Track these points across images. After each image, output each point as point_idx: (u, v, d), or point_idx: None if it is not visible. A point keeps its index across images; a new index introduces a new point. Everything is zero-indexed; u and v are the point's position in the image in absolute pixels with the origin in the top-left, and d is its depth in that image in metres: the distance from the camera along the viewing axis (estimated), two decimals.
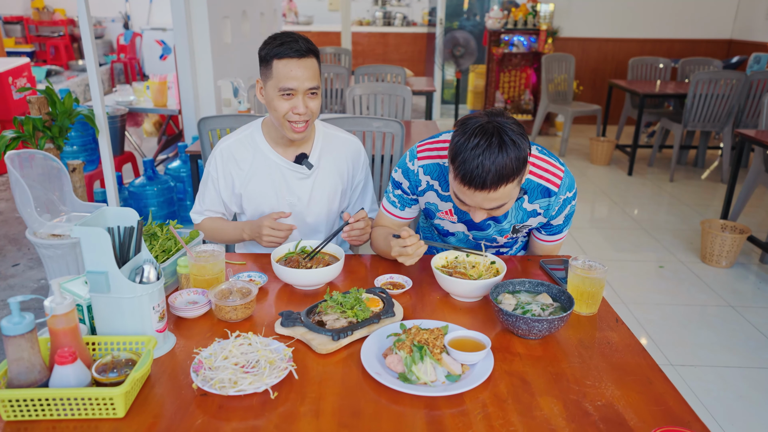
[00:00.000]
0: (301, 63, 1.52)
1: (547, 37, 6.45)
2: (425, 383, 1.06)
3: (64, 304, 0.96)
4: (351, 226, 1.56)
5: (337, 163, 1.75)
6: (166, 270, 1.37)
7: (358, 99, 3.61)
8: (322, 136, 1.75)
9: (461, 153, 1.26)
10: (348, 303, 1.26)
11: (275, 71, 1.53)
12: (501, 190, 1.27)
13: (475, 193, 1.28)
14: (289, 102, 1.55)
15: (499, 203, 1.32)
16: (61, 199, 1.63)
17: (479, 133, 1.25)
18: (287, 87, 1.53)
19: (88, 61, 2.58)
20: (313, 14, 9.70)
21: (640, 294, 3.14)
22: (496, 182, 1.25)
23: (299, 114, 1.56)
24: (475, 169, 1.24)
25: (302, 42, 1.53)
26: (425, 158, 1.55)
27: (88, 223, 1.09)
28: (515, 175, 1.27)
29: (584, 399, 1.05)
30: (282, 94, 1.54)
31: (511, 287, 1.35)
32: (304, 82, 1.53)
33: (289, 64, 1.51)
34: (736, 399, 2.30)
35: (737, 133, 3.52)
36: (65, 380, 0.93)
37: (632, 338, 1.26)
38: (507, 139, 1.24)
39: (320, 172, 1.73)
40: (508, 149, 1.24)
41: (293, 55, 1.51)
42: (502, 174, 1.24)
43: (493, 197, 1.29)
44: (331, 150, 1.75)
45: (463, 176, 1.27)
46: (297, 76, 1.52)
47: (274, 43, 1.53)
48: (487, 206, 1.32)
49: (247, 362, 1.07)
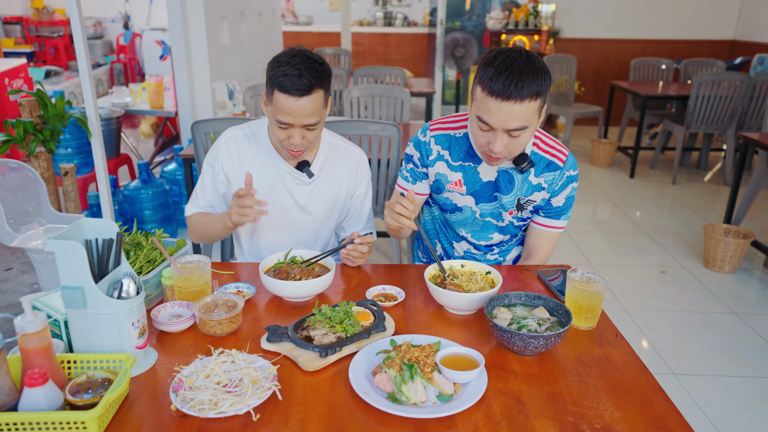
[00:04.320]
0: (300, 101, 1.44)
1: (549, 37, 6.40)
2: (415, 404, 1.02)
3: (35, 322, 0.91)
4: (355, 246, 1.52)
5: (338, 175, 1.71)
6: (151, 281, 1.33)
7: (356, 101, 3.56)
8: (327, 146, 1.70)
9: (490, 65, 1.32)
10: (337, 317, 1.22)
11: (275, 100, 1.47)
12: (526, 104, 1.31)
13: (502, 105, 1.31)
14: (286, 132, 1.51)
15: (521, 124, 1.34)
16: (37, 210, 1.59)
17: (507, 51, 1.34)
18: (283, 121, 1.48)
19: (80, 64, 2.54)
20: (314, 14, 9.65)
21: (642, 300, 3.09)
22: (524, 90, 1.29)
23: (294, 145, 1.52)
24: (506, 77, 1.29)
25: (307, 77, 1.42)
26: (437, 129, 1.62)
27: (64, 236, 1.04)
28: (540, 91, 1.32)
29: (582, 421, 1.00)
30: (279, 124, 1.50)
31: (506, 300, 1.30)
32: (301, 119, 1.47)
33: (288, 100, 1.44)
34: (740, 410, 2.24)
35: (741, 136, 3.47)
36: (35, 403, 0.89)
37: (632, 354, 1.21)
38: (533, 58, 1.33)
39: (321, 182, 1.69)
40: (534, 63, 1.32)
41: (294, 92, 1.43)
42: (529, 84, 1.29)
43: (518, 113, 1.32)
44: (334, 160, 1.71)
45: (492, 85, 1.31)
46: (294, 113, 1.46)
47: (279, 71, 1.44)
48: (510, 125, 1.34)
49: (230, 381, 1.03)
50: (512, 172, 1.57)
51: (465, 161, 1.59)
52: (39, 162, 2.62)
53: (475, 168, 1.58)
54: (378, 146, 2.51)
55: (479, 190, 1.61)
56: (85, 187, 3.57)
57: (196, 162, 2.44)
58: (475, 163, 1.58)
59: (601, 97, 6.87)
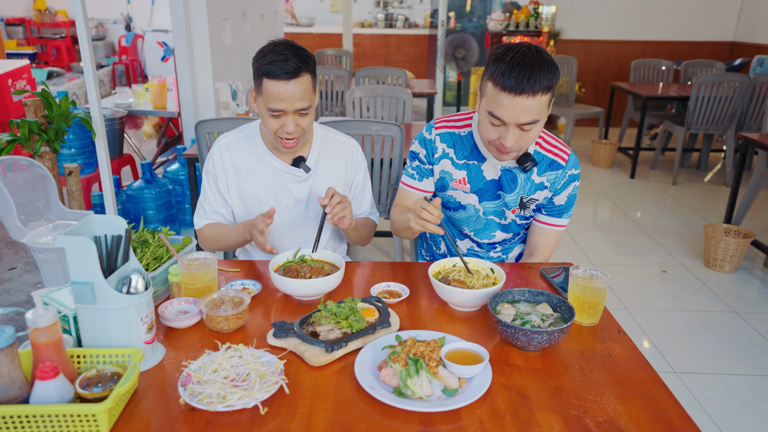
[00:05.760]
0: (290, 84, 1.47)
1: (549, 39, 6.42)
2: (421, 398, 1.03)
3: (46, 316, 0.93)
4: (329, 206, 1.49)
5: (335, 166, 1.73)
6: (157, 278, 1.34)
7: (358, 101, 3.58)
8: (320, 140, 1.72)
9: (501, 61, 1.34)
10: (342, 313, 1.23)
11: (264, 89, 1.49)
12: (538, 98, 1.33)
13: (515, 100, 1.33)
14: (279, 120, 1.52)
15: (533, 117, 1.36)
16: (46, 207, 1.60)
17: (516, 47, 1.36)
18: (276, 108, 1.49)
19: (85, 64, 2.56)
20: (315, 16, 9.67)
21: (643, 299, 3.10)
22: (536, 85, 1.31)
23: (289, 132, 1.53)
24: (518, 72, 1.31)
25: (293, 61, 1.46)
26: (442, 128, 1.64)
27: (74, 232, 1.06)
28: (551, 85, 1.34)
29: (585, 415, 1.01)
30: (271, 113, 1.51)
31: (510, 297, 1.31)
32: (293, 104, 1.49)
33: (278, 86, 1.46)
34: (741, 408, 2.25)
35: (740, 137, 3.48)
36: (46, 396, 0.90)
37: (635, 350, 1.22)
38: (543, 53, 1.36)
39: (318, 175, 1.70)
40: (545, 58, 1.34)
41: (282, 76, 1.45)
42: (541, 78, 1.31)
43: (530, 107, 1.34)
44: (329, 153, 1.72)
45: (505, 80, 1.32)
46: (285, 98, 1.48)
47: (264, 59, 1.47)
48: (522, 119, 1.36)
49: (237, 375, 1.04)
50: (515, 171, 1.58)
51: (469, 159, 1.60)
52: (43, 162, 2.63)
53: (479, 166, 1.60)
54: (381, 146, 2.52)
55: (483, 189, 1.62)
56: (88, 187, 3.58)
57: (200, 161, 2.46)
58: (479, 161, 1.60)
59: (601, 98, 6.89)
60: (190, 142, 3.78)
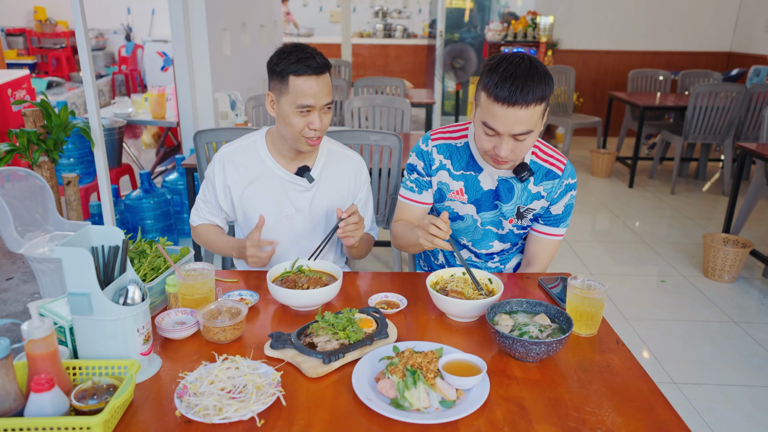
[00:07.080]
0: (319, 80, 1.51)
1: (547, 49, 6.46)
2: (418, 410, 1.02)
3: (42, 328, 0.92)
4: (345, 221, 1.52)
5: (338, 179, 1.73)
6: (155, 289, 1.34)
7: (357, 111, 3.59)
8: (326, 151, 1.73)
9: (494, 71, 1.35)
10: (340, 324, 1.23)
11: (292, 87, 1.51)
12: (531, 108, 1.34)
13: (508, 111, 1.34)
14: (306, 118, 1.54)
15: (527, 128, 1.37)
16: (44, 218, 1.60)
17: (510, 57, 1.36)
18: (306, 104, 1.51)
19: (85, 74, 2.57)
20: (314, 26, 9.74)
21: (642, 309, 3.10)
22: (529, 96, 1.32)
23: (315, 129, 1.55)
24: (511, 83, 1.32)
25: (318, 57, 1.51)
26: (438, 139, 1.64)
27: (71, 242, 1.06)
28: (545, 95, 1.35)
29: (584, 427, 1.01)
30: (300, 111, 1.52)
31: (508, 307, 1.31)
32: (321, 99, 1.53)
33: (309, 81, 1.50)
34: (741, 419, 2.24)
35: (738, 146, 3.49)
36: (41, 409, 0.90)
37: (633, 361, 1.21)
38: (536, 63, 1.36)
39: (321, 186, 1.71)
40: (538, 68, 1.35)
41: (311, 72, 1.50)
42: (534, 89, 1.32)
43: (523, 118, 1.34)
44: (333, 165, 1.73)
45: (498, 91, 1.33)
46: (315, 93, 1.51)
47: (290, 59, 1.50)
48: (516, 130, 1.36)
49: (234, 387, 1.03)
50: (512, 181, 1.59)
51: (466, 170, 1.61)
52: (42, 171, 2.63)
53: (476, 177, 1.60)
54: (379, 156, 2.52)
55: (480, 199, 1.63)
56: (86, 197, 3.58)
57: (199, 171, 2.46)
58: (476, 172, 1.60)
59: (599, 108, 6.92)
60: (189, 151, 3.78)
